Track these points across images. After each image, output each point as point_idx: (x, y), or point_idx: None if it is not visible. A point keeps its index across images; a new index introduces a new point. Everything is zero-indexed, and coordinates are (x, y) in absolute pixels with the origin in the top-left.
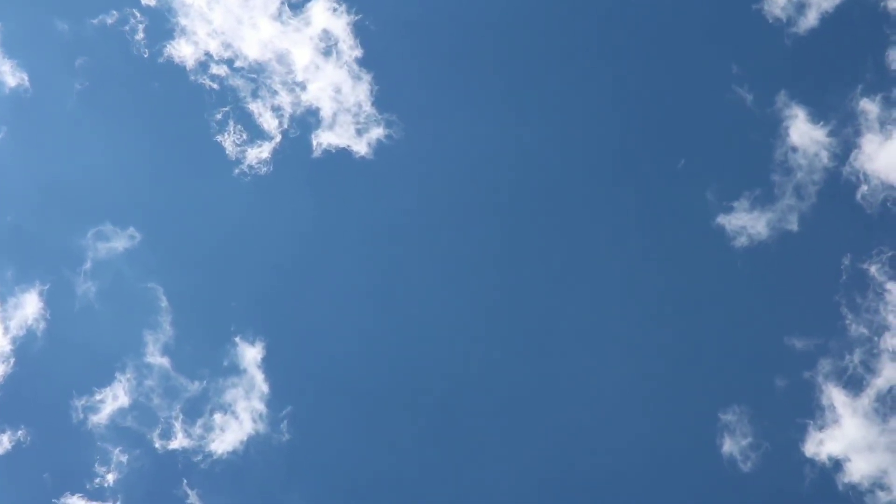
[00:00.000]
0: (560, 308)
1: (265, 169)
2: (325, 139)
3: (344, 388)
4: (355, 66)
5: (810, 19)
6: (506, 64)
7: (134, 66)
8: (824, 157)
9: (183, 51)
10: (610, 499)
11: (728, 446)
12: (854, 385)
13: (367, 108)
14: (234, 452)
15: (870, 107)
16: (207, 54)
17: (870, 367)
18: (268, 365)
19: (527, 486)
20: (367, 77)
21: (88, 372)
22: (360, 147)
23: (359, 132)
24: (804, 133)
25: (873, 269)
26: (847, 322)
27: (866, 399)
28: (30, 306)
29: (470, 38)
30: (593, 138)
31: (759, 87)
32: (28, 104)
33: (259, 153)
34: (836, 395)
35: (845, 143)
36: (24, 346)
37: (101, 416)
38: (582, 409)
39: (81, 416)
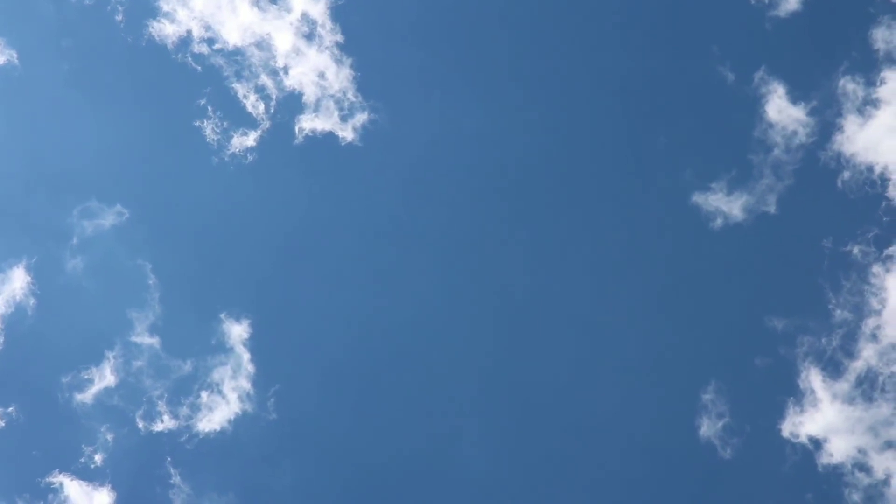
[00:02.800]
0: (539, 286)
1: (251, 152)
2: (310, 124)
3: (330, 368)
4: (337, 51)
5: (792, 1)
6: (487, 45)
7: (118, 46)
8: (805, 136)
9: (166, 30)
10: (592, 485)
11: (707, 428)
12: (834, 367)
13: (351, 93)
14: (221, 432)
15: (852, 86)
16: (189, 37)
17: (850, 349)
18: (254, 344)
19: (504, 464)
20: (349, 62)
21: (77, 350)
22: (344, 131)
23: (343, 117)
24: (785, 112)
25: (856, 251)
26: (828, 304)
27: (846, 381)
28: (17, 281)
29: (450, 19)
30: (575, 119)
31: (741, 67)
32: (17, 82)
33: (244, 137)
34: (816, 377)
35: (827, 123)
36: (13, 324)
37: (89, 395)
38: (560, 393)
39: (69, 394)
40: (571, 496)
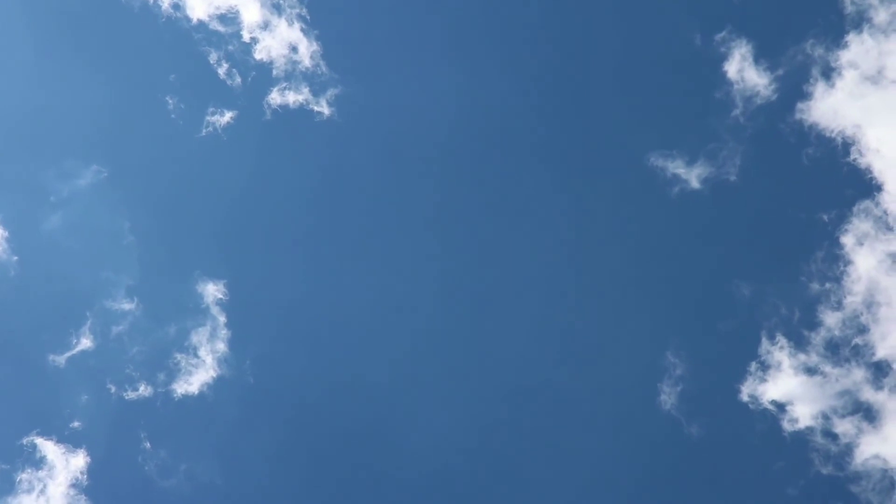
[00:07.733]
0: (502, 252)
1: (229, 120)
2: (282, 96)
3: (306, 334)
4: (305, 25)
5: None
6: (454, 11)
7: (96, 8)
8: (769, 99)
9: None
10: (560, 457)
11: (669, 395)
12: (799, 334)
13: (323, 66)
14: (199, 396)
15: (818, 50)
16: (159, 2)
17: (814, 316)
18: (230, 307)
19: (469, 436)
20: (317, 34)
21: (56, 311)
22: (319, 106)
23: (315, 91)
24: (749, 74)
25: (822, 217)
26: (794, 271)
27: (811, 348)
28: None
29: None
30: (544, 81)
31: (708, 31)
32: None
33: (220, 105)
34: (782, 344)
35: (792, 87)
36: None
37: (68, 358)
38: (521, 361)
39: (48, 358)
40: (547, 473)
